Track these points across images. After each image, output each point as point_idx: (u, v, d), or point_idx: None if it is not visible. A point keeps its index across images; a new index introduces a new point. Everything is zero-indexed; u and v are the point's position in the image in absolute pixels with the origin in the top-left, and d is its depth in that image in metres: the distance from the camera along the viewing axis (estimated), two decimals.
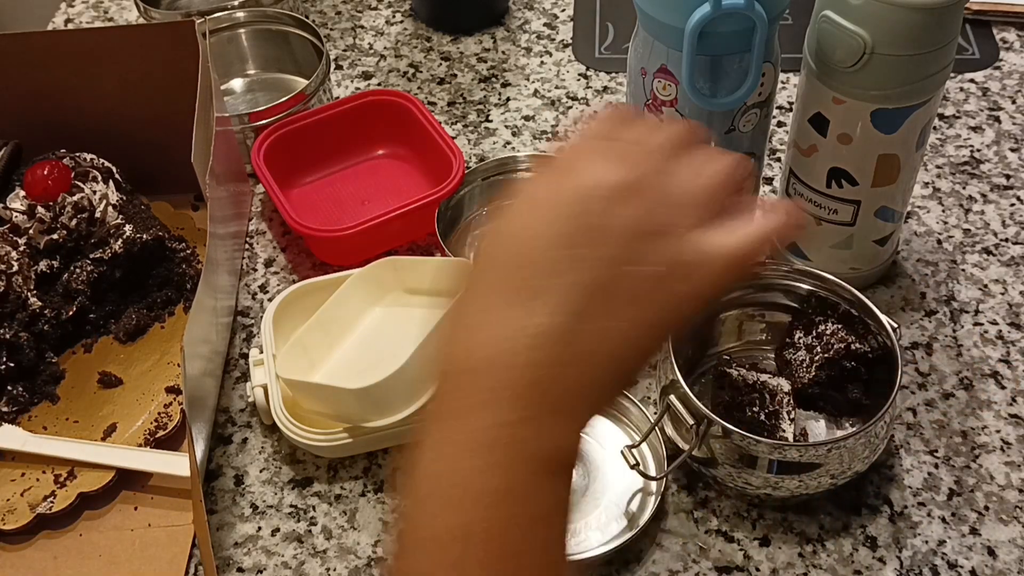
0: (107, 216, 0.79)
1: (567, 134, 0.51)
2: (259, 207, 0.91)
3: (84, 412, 0.76)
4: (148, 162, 0.84)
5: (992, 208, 0.87)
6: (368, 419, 0.67)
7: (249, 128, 0.90)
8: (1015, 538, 0.67)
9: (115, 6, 1.13)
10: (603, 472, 0.71)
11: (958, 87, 0.98)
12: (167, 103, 0.80)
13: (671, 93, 0.68)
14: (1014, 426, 0.73)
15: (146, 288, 0.82)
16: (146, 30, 0.85)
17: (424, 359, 0.67)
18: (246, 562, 0.68)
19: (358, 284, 0.77)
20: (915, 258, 0.83)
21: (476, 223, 0.87)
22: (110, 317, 0.81)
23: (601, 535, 0.67)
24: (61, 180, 0.78)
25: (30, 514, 0.69)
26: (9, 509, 0.70)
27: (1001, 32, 1.03)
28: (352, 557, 0.68)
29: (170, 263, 0.82)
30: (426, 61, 1.03)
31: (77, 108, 0.85)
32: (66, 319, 0.78)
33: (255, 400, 0.72)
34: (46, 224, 0.77)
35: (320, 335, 0.75)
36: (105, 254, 0.78)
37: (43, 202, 0.77)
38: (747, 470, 0.65)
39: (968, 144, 0.92)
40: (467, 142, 0.95)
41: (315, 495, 0.71)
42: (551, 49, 1.04)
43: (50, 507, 0.70)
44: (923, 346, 0.78)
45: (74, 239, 0.78)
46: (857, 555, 0.67)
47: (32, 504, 0.70)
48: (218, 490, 0.72)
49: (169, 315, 0.82)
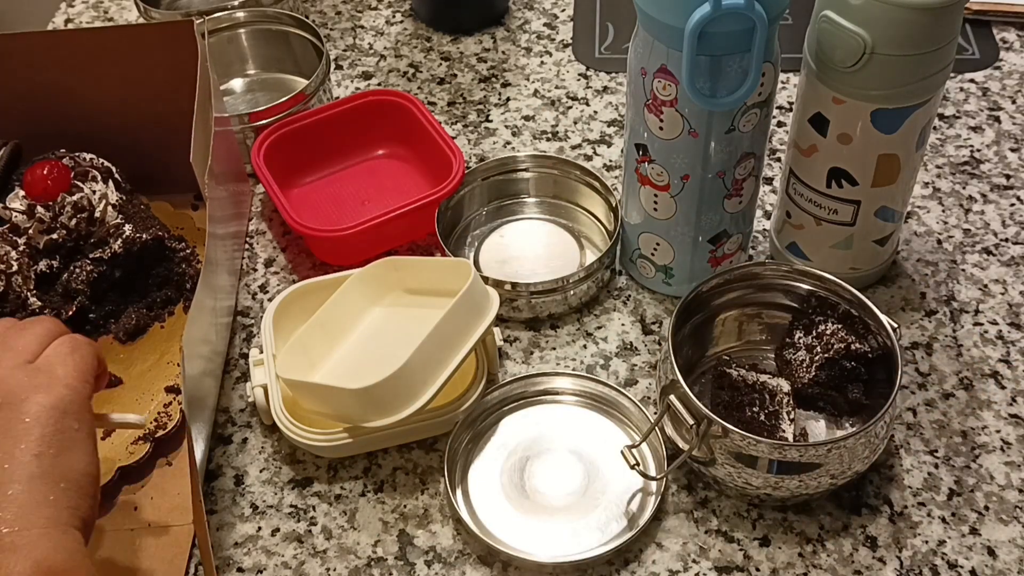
0: (107, 216, 0.79)
1: None
2: (259, 207, 0.91)
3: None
4: (148, 162, 0.84)
5: (992, 208, 0.87)
6: (368, 419, 0.67)
7: (249, 128, 0.90)
8: (1015, 538, 0.67)
9: (115, 6, 1.13)
10: (603, 472, 0.71)
11: (958, 87, 0.98)
12: (167, 103, 0.80)
13: (671, 93, 0.68)
14: (1014, 426, 0.73)
15: (146, 288, 0.82)
16: (146, 30, 0.85)
17: (424, 359, 0.67)
18: (246, 562, 0.68)
19: (358, 284, 0.77)
20: (915, 258, 0.83)
21: (476, 223, 0.87)
22: (110, 317, 0.81)
23: (601, 535, 0.67)
24: (61, 180, 0.78)
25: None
26: None
27: (1001, 32, 1.03)
28: (352, 557, 0.68)
29: (170, 263, 0.82)
30: (426, 61, 1.03)
31: (77, 108, 0.85)
32: (66, 319, 0.78)
33: (255, 400, 0.72)
34: (46, 224, 0.77)
35: (320, 335, 0.75)
36: (105, 254, 0.78)
37: (43, 202, 0.77)
38: (747, 470, 0.65)
39: (968, 144, 0.92)
40: (467, 142, 0.95)
41: (315, 495, 0.71)
42: (551, 49, 1.04)
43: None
44: (923, 346, 0.78)
45: (74, 239, 0.78)
46: (857, 555, 0.67)
47: None
48: (218, 490, 0.72)
49: (169, 315, 0.82)
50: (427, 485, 0.71)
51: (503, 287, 0.77)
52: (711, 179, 0.72)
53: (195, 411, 0.68)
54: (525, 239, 0.86)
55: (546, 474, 0.71)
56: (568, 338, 0.79)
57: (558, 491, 0.70)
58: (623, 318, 0.80)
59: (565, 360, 0.78)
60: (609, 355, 0.78)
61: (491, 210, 0.88)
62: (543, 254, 0.85)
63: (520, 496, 0.70)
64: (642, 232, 0.78)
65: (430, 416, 0.71)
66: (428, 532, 0.69)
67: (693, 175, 0.72)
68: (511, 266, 0.84)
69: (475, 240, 0.86)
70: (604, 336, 0.79)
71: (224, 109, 0.86)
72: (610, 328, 0.80)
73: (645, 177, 0.75)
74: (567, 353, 0.78)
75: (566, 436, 0.73)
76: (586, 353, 0.78)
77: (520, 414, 0.74)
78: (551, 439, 0.73)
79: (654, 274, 0.81)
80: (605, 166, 0.92)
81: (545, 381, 0.75)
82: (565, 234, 0.86)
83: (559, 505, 0.69)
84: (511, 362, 0.78)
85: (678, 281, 0.80)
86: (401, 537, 0.69)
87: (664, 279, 0.80)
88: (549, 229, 0.87)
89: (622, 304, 0.81)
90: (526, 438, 0.73)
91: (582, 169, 0.86)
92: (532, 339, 0.79)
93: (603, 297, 0.82)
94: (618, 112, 0.97)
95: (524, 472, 0.71)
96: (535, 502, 0.70)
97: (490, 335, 0.74)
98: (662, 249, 0.78)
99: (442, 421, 0.71)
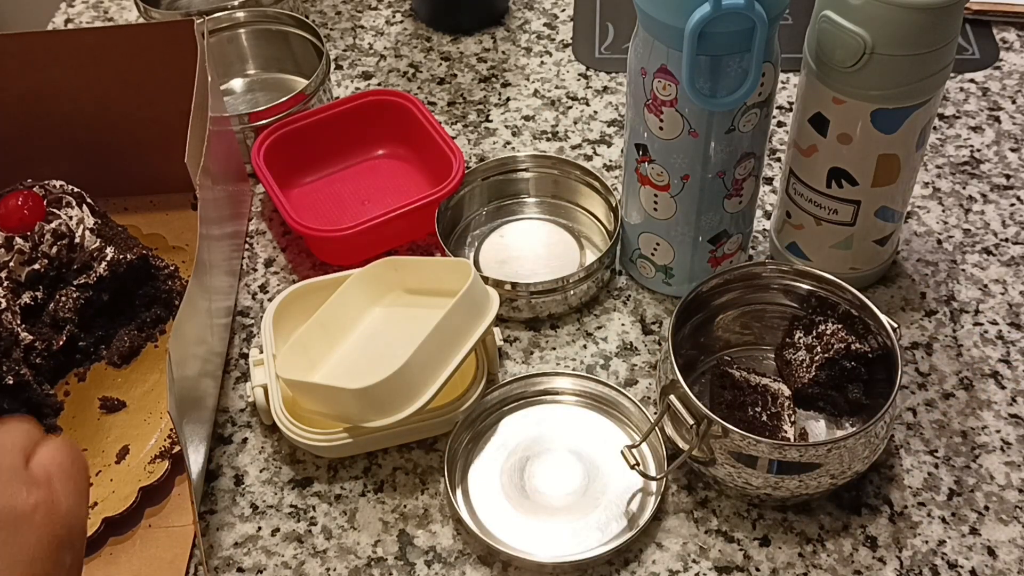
0: (86, 240, 0.77)
1: None
2: (259, 207, 0.91)
3: (91, 439, 0.75)
4: (148, 161, 0.84)
5: (992, 208, 0.87)
6: (368, 419, 0.67)
7: (249, 128, 0.90)
8: (1015, 538, 0.67)
9: (115, 6, 1.13)
10: (603, 472, 0.71)
11: (958, 87, 0.98)
12: (167, 103, 0.80)
13: (671, 93, 0.68)
14: (1014, 426, 0.73)
15: (134, 309, 0.81)
16: (146, 30, 0.85)
17: (424, 359, 0.67)
18: (246, 562, 0.68)
19: (358, 284, 0.77)
20: (915, 258, 0.83)
21: (476, 223, 0.87)
22: (100, 343, 0.80)
23: (601, 535, 0.67)
24: (36, 209, 0.76)
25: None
26: None
27: (1001, 32, 1.03)
28: (352, 557, 0.68)
29: (155, 280, 0.81)
30: (426, 61, 1.03)
31: (77, 108, 0.85)
32: (57, 349, 0.76)
33: (255, 400, 0.72)
34: (26, 255, 0.75)
35: (320, 335, 0.75)
36: (90, 279, 0.77)
37: (20, 233, 0.75)
38: (747, 470, 0.65)
39: (968, 144, 0.92)
40: (467, 142, 0.95)
41: (315, 495, 0.71)
42: (551, 49, 1.04)
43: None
44: (923, 346, 0.78)
45: (56, 267, 0.76)
46: (857, 555, 0.67)
47: None
48: (218, 490, 0.72)
49: (160, 333, 0.81)
50: (427, 485, 0.71)
51: (503, 287, 0.77)
52: (711, 179, 0.72)
53: (193, 411, 0.68)
54: (525, 239, 0.86)
55: (546, 474, 0.71)
56: (568, 338, 0.79)
57: (558, 491, 0.70)
58: (623, 318, 0.80)
59: (565, 360, 0.78)
60: (609, 355, 0.78)
61: (491, 210, 0.88)
62: (543, 254, 0.85)
63: (520, 496, 0.70)
64: (642, 232, 0.78)
65: (430, 416, 0.71)
66: (428, 532, 0.69)
67: (693, 175, 0.72)
68: (511, 266, 0.84)
69: (475, 240, 0.86)
70: (604, 336, 0.79)
71: (224, 109, 0.86)
72: (610, 328, 0.80)
73: (645, 177, 0.75)
74: (567, 353, 0.78)
75: (566, 436, 0.73)
76: (586, 353, 0.78)
77: (520, 414, 0.74)
78: (551, 439, 0.73)
79: (654, 274, 0.81)
80: (605, 166, 0.92)
81: (545, 381, 0.75)
82: (565, 234, 0.86)
83: (559, 505, 0.69)
84: (511, 362, 0.78)
85: (678, 281, 0.80)
86: (401, 537, 0.69)
87: (664, 279, 0.80)
88: (549, 229, 0.87)
89: (622, 304, 0.81)
90: (526, 438, 0.73)
91: (582, 169, 0.86)
92: (532, 339, 0.79)
93: (603, 297, 0.82)
94: (618, 112, 0.97)
95: (524, 472, 0.71)
96: (535, 502, 0.70)
97: (490, 335, 0.74)
98: (662, 249, 0.78)
99: (442, 421, 0.71)
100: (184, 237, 0.86)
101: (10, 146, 0.85)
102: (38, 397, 0.75)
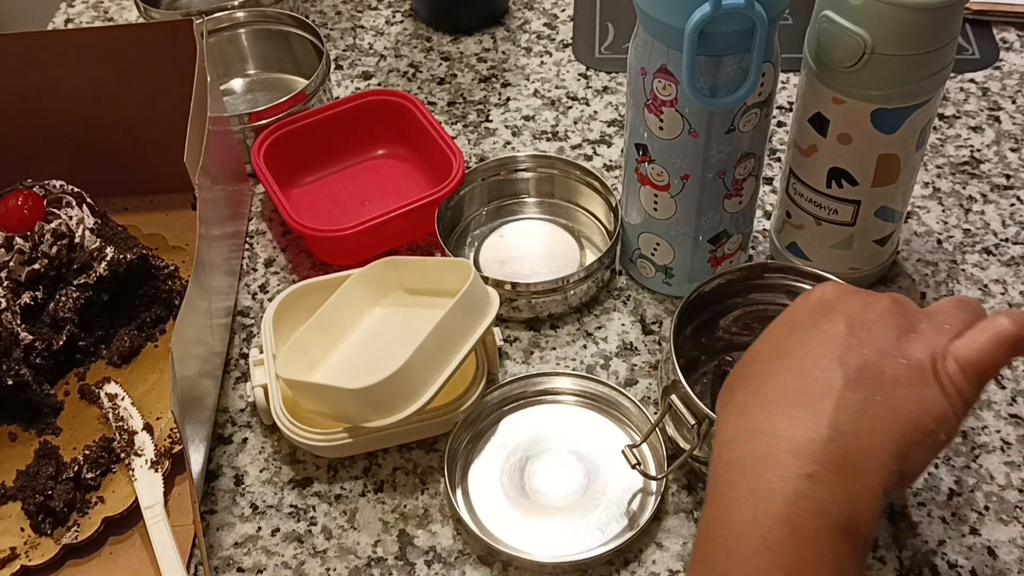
0: (86, 240, 0.77)
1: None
2: (259, 207, 0.91)
3: (91, 439, 0.74)
4: (148, 161, 0.84)
5: (992, 208, 0.87)
6: (368, 419, 0.67)
7: (249, 128, 0.90)
8: (1015, 538, 0.67)
9: (115, 6, 1.13)
10: (603, 472, 0.71)
11: (958, 87, 0.98)
12: (167, 102, 0.80)
13: (671, 93, 0.68)
14: (1014, 426, 0.73)
15: (133, 309, 0.81)
16: (145, 30, 0.85)
17: (424, 359, 0.67)
18: (246, 562, 0.68)
19: (358, 284, 0.77)
20: (915, 258, 0.83)
21: (476, 223, 0.87)
22: (100, 343, 0.80)
23: (601, 535, 0.67)
24: (36, 209, 0.76)
25: (56, 547, 0.68)
26: (32, 544, 0.69)
27: (1001, 32, 1.03)
28: (352, 557, 0.68)
29: (155, 280, 0.81)
30: (426, 61, 1.03)
31: (77, 108, 0.85)
32: (57, 349, 0.76)
33: (255, 400, 0.72)
34: (26, 255, 0.75)
35: (320, 335, 0.75)
36: (90, 279, 0.77)
37: (20, 233, 0.75)
38: None
39: (968, 144, 0.92)
40: (467, 142, 0.95)
41: (315, 495, 0.71)
42: (551, 49, 1.04)
43: (75, 536, 0.69)
44: None
45: (56, 267, 0.76)
46: None
47: (56, 538, 0.69)
48: (218, 490, 0.72)
49: (160, 333, 0.81)
50: (427, 485, 0.71)
51: (503, 287, 0.77)
52: (711, 179, 0.72)
53: (193, 411, 0.68)
54: (525, 239, 0.86)
55: (546, 474, 0.71)
56: (568, 338, 0.79)
57: (558, 491, 0.70)
58: (623, 318, 0.80)
59: (565, 360, 0.78)
60: (609, 355, 0.78)
61: (491, 210, 0.88)
62: (543, 254, 0.85)
63: (520, 496, 0.70)
64: (642, 232, 0.78)
65: (430, 416, 0.71)
66: (428, 532, 0.69)
67: (693, 175, 0.72)
68: (511, 266, 0.84)
69: (475, 240, 0.86)
70: (604, 336, 0.79)
71: (224, 109, 0.86)
72: (610, 328, 0.80)
73: (645, 177, 0.75)
74: (567, 353, 0.78)
75: (566, 436, 0.73)
76: (586, 353, 0.78)
77: (520, 414, 0.74)
78: (551, 439, 0.73)
79: (654, 274, 0.81)
80: (605, 166, 0.92)
81: (545, 381, 0.75)
82: (565, 234, 0.86)
83: (559, 505, 0.69)
84: (511, 362, 0.78)
85: (678, 281, 0.80)
86: (401, 537, 0.69)
87: (664, 279, 0.80)
88: (549, 229, 0.87)
89: (622, 304, 0.81)
90: (526, 438, 0.73)
91: (582, 169, 0.86)
92: (532, 339, 0.79)
93: (603, 297, 0.82)
94: (618, 112, 0.97)
95: (524, 472, 0.71)
96: (535, 502, 0.70)
97: (490, 335, 0.74)
98: (662, 249, 0.78)
99: (442, 421, 0.71)
100: (184, 237, 0.86)
101: (10, 146, 0.85)
102: (38, 397, 0.75)
